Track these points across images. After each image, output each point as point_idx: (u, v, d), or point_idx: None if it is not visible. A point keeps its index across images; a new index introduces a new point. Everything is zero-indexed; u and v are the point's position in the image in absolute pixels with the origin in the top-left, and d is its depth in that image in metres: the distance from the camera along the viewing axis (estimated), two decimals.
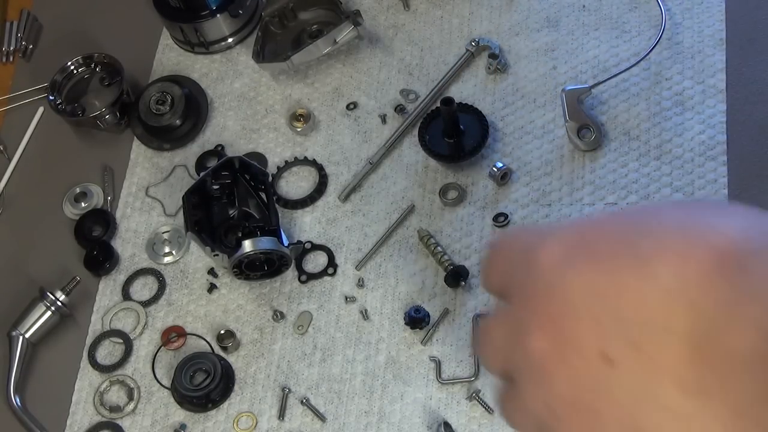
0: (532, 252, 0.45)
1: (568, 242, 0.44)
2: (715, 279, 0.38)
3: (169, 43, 1.26)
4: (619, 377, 0.41)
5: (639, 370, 0.40)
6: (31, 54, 1.30)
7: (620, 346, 0.40)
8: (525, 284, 0.45)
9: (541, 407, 0.46)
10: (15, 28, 1.30)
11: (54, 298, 1.05)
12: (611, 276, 0.41)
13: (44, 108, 1.23)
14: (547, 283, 0.44)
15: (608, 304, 0.41)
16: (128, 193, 1.16)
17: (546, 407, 0.45)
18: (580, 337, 0.42)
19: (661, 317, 0.39)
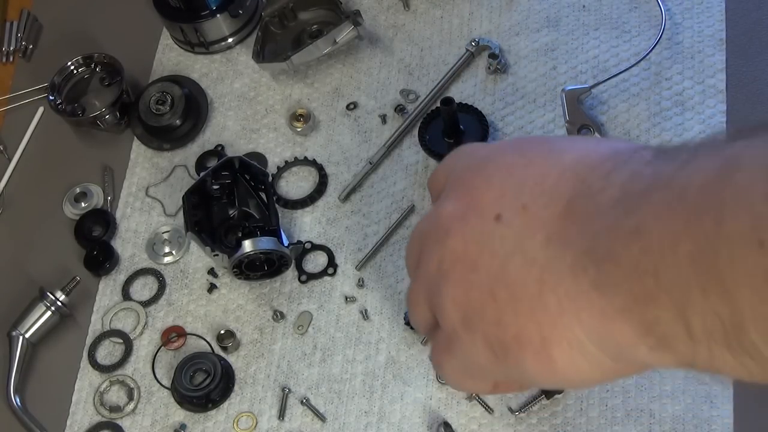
0: (474, 151, 0.58)
1: (501, 145, 0.57)
2: (604, 164, 0.48)
3: (169, 43, 1.26)
4: (502, 231, 0.50)
5: (519, 225, 0.50)
6: (31, 54, 1.30)
7: (513, 207, 0.51)
8: (462, 170, 0.56)
9: (434, 268, 0.55)
10: (15, 28, 1.31)
11: (54, 298, 1.05)
12: (527, 159, 0.53)
13: (44, 108, 1.23)
14: (478, 165, 0.55)
15: (516, 178, 0.52)
16: (128, 193, 1.16)
17: (437, 266, 0.54)
18: (484, 203, 0.52)
19: (553, 185, 0.50)
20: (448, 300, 0.54)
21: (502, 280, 0.50)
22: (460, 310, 0.53)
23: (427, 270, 0.56)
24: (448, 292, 0.54)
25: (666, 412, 0.91)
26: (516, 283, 0.49)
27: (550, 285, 0.48)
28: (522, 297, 0.49)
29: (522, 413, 0.94)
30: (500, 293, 0.50)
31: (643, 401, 0.92)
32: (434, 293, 0.56)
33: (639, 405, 0.92)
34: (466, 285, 0.53)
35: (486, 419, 0.94)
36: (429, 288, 0.57)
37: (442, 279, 0.54)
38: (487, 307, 0.51)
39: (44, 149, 1.22)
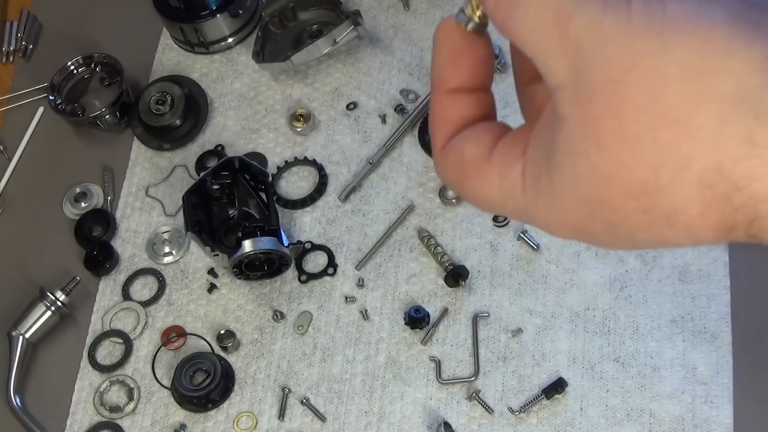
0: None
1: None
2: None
3: (169, 43, 1.26)
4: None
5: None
6: (31, 54, 1.30)
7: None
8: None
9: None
10: (15, 28, 1.31)
11: (54, 298, 1.05)
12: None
13: (44, 108, 1.23)
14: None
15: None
16: (128, 193, 1.16)
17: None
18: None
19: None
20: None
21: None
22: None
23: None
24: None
25: (666, 412, 0.91)
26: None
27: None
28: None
29: (522, 413, 0.94)
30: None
31: (643, 401, 0.92)
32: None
33: (639, 405, 0.92)
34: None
35: (486, 419, 0.94)
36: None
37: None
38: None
39: (44, 149, 1.22)
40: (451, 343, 0.99)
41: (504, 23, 0.36)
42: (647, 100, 0.31)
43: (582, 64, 0.33)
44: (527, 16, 0.34)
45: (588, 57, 0.33)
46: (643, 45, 0.32)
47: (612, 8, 0.32)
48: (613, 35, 0.32)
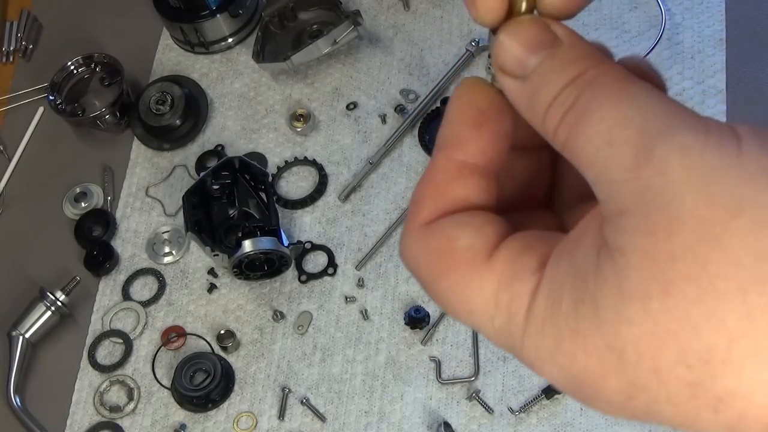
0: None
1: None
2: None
3: (169, 43, 1.26)
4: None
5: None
6: (31, 54, 1.30)
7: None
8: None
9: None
10: (15, 28, 1.31)
11: (54, 298, 1.05)
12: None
13: (44, 108, 1.23)
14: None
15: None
16: (128, 193, 1.16)
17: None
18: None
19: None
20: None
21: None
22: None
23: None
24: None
25: None
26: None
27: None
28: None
29: (522, 413, 0.94)
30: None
31: None
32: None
33: None
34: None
35: (486, 419, 0.94)
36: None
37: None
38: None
39: (44, 149, 1.22)
40: (451, 343, 0.99)
41: (567, 141, 0.30)
42: (748, 256, 0.26)
43: (664, 192, 0.27)
44: (599, 132, 0.29)
45: (677, 187, 0.27)
46: (756, 191, 0.26)
47: (715, 139, 0.27)
48: (716, 170, 0.26)
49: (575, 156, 0.30)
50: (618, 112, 0.29)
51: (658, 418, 0.28)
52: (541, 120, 0.31)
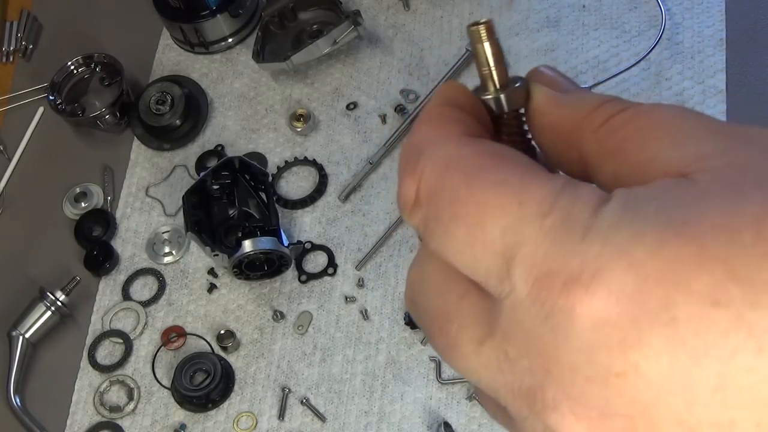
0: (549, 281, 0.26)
1: (627, 286, 0.25)
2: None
3: (169, 43, 1.26)
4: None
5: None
6: (31, 54, 1.30)
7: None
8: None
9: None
10: (15, 28, 1.31)
11: (54, 298, 1.05)
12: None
13: (44, 108, 1.23)
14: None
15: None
16: (128, 193, 1.16)
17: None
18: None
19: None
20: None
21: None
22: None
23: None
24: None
25: None
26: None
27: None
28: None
29: None
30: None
31: None
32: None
33: None
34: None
35: (486, 419, 0.94)
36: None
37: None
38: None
39: (44, 149, 1.22)
40: None
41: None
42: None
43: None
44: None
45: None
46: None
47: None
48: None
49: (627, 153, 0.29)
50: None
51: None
52: (584, 119, 0.30)
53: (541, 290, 0.26)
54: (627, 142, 0.29)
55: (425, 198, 0.30)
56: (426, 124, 0.31)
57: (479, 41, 0.34)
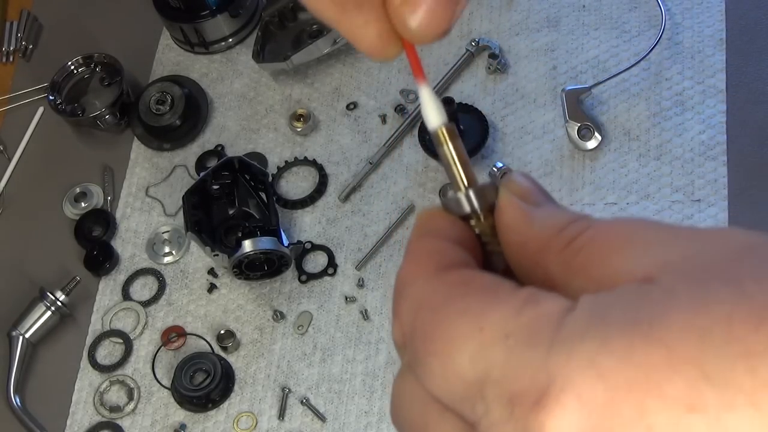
0: (519, 399, 0.26)
1: (593, 398, 0.25)
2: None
3: (169, 43, 1.26)
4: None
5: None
6: (31, 54, 1.30)
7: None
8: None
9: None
10: (15, 28, 1.30)
11: (54, 298, 1.05)
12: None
13: (44, 108, 1.23)
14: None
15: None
16: (128, 193, 1.16)
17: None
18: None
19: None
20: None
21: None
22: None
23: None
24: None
25: None
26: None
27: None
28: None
29: None
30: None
31: None
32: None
33: None
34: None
35: None
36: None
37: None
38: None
39: (44, 149, 1.22)
40: None
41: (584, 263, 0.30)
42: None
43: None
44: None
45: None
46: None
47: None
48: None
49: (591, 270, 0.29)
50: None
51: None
52: (553, 237, 0.31)
53: (514, 410, 0.26)
54: (591, 259, 0.29)
55: (408, 338, 0.30)
56: (406, 262, 0.32)
57: (442, 143, 0.34)
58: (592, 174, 1.04)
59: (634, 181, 1.03)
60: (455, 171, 0.34)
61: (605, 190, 1.03)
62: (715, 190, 1.00)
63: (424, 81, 0.34)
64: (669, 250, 0.28)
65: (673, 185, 1.02)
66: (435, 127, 0.34)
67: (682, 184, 1.01)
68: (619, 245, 0.29)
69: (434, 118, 0.34)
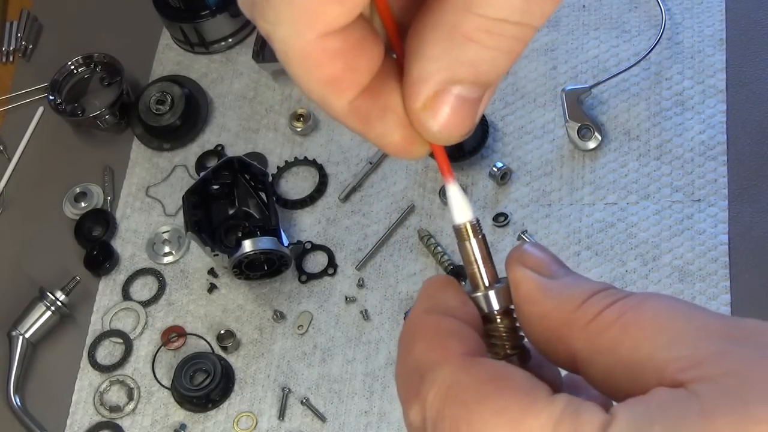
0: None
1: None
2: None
3: (169, 43, 1.26)
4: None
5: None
6: (31, 54, 1.30)
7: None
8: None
9: None
10: (15, 28, 1.30)
11: (54, 298, 1.05)
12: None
13: (44, 108, 1.23)
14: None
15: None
16: (128, 193, 1.16)
17: None
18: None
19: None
20: None
21: None
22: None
23: None
24: None
25: None
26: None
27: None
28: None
29: None
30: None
31: None
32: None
33: None
34: None
35: None
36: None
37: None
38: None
39: (44, 149, 1.22)
40: None
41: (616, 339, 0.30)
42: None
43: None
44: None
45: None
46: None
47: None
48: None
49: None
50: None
51: None
52: (575, 311, 0.31)
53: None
54: (619, 340, 0.29)
55: (430, 426, 0.30)
56: (423, 341, 0.32)
57: (465, 239, 0.34)
58: (592, 174, 1.04)
59: (634, 181, 1.03)
60: (478, 268, 0.34)
61: (605, 190, 1.03)
62: (715, 190, 1.00)
63: (452, 179, 0.34)
64: (702, 346, 0.27)
65: (673, 185, 1.02)
66: (460, 224, 0.34)
67: (682, 184, 1.01)
68: (650, 330, 0.29)
69: (460, 215, 0.34)
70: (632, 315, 0.29)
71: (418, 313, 0.33)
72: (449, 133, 0.32)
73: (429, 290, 0.34)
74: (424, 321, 0.32)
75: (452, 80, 0.31)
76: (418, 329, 0.32)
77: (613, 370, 0.29)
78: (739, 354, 0.27)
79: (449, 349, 0.31)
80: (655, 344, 0.28)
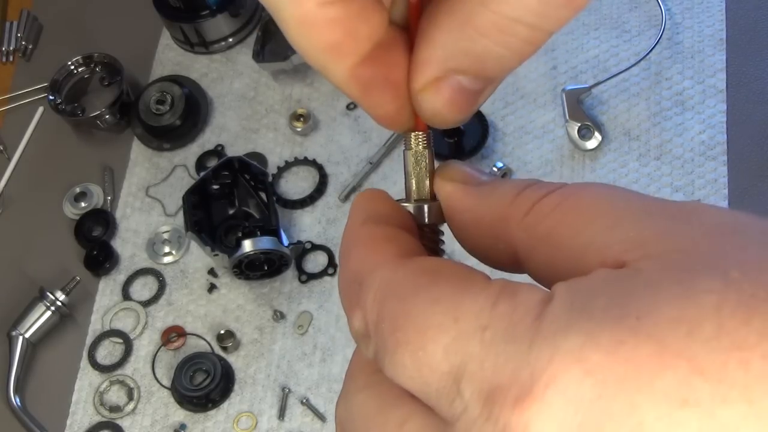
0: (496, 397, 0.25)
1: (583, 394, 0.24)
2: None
3: (169, 43, 1.26)
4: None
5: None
6: (31, 54, 1.30)
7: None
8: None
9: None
10: (15, 28, 1.31)
11: (54, 298, 1.05)
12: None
13: (44, 108, 1.23)
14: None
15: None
16: (128, 193, 1.16)
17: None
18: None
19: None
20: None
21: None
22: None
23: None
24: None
25: None
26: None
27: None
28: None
29: None
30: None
31: None
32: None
33: None
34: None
35: None
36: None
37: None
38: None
39: (44, 149, 1.22)
40: None
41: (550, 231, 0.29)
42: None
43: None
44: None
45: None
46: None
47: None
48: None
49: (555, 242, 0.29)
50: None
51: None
52: (506, 210, 0.30)
53: (493, 407, 0.25)
54: (558, 227, 0.28)
55: (372, 330, 0.29)
56: (358, 248, 0.31)
57: (408, 147, 0.34)
58: (592, 174, 1.04)
59: (634, 181, 1.03)
60: (418, 180, 0.34)
61: None
62: (715, 190, 1.00)
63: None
64: (645, 227, 0.27)
65: (673, 185, 1.02)
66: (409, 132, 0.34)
67: (682, 184, 1.01)
68: (589, 215, 0.28)
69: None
70: (571, 202, 0.29)
71: (351, 225, 0.33)
72: (443, 119, 0.32)
73: (361, 203, 0.33)
74: (359, 231, 0.32)
75: (456, 69, 0.31)
76: (352, 240, 0.32)
77: (555, 259, 0.28)
78: (682, 232, 0.26)
79: (385, 253, 0.30)
80: (596, 228, 0.27)
